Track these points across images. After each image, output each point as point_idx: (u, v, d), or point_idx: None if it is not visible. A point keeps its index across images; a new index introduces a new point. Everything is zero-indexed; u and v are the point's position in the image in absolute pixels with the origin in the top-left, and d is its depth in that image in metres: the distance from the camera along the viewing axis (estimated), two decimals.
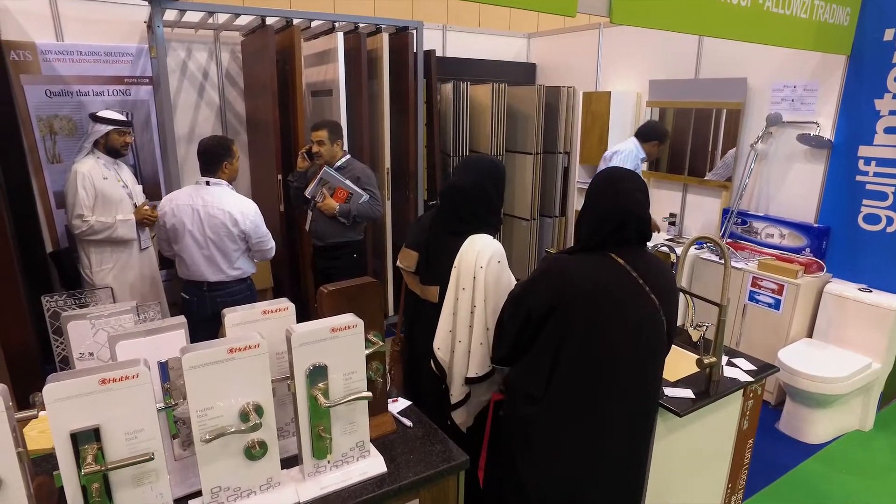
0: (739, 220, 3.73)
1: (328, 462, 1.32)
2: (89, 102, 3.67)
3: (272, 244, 2.84)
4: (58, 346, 1.35)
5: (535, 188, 4.57)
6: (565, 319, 1.50)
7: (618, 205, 1.53)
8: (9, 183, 2.64)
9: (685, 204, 4.22)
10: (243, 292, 2.77)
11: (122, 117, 3.17)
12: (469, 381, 1.83)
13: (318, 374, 1.23)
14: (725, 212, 3.79)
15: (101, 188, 3.04)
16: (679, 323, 2.50)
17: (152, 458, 1.07)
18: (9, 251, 2.51)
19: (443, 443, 1.51)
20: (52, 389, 0.98)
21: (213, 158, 2.65)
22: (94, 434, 1.02)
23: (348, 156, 3.34)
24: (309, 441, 1.28)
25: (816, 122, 3.35)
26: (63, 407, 0.99)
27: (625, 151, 3.76)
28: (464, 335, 1.81)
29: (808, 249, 3.40)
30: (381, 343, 1.41)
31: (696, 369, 2.11)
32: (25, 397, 1.06)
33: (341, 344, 1.25)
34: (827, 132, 3.32)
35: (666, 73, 4.15)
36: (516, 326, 1.59)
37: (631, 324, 1.51)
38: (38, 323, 2.43)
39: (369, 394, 1.30)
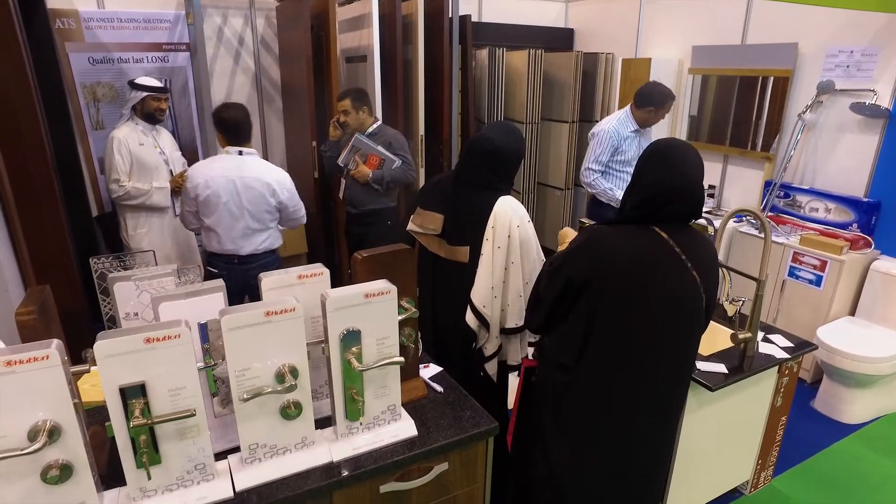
0: (782, 193, 3.60)
1: (360, 424, 1.36)
2: (129, 69, 3.74)
3: (304, 212, 2.84)
4: (105, 306, 1.41)
5: (571, 157, 4.49)
6: (601, 292, 1.48)
7: (666, 179, 1.47)
8: (56, 149, 2.73)
9: (725, 175, 4.09)
10: (273, 264, 2.74)
11: (157, 83, 3.22)
12: (507, 332, 1.95)
13: (351, 338, 1.26)
14: (768, 184, 3.65)
15: (137, 154, 3.12)
16: None
17: (194, 415, 1.11)
18: (59, 215, 2.61)
19: (473, 408, 1.54)
20: (102, 346, 1.02)
21: (244, 127, 2.61)
22: (141, 389, 1.07)
23: (379, 122, 3.33)
24: (342, 403, 1.32)
25: (873, 90, 3.17)
26: (112, 363, 1.04)
27: (606, 128, 3.37)
28: (500, 291, 1.90)
29: (855, 225, 3.27)
30: (414, 309, 1.43)
31: (730, 344, 2.08)
32: (77, 353, 1.11)
33: (375, 309, 1.27)
34: (885, 100, 3.14)
35: (711, 38, 3.98)
36: (553, 296, 1.58)
37: (670, 300, 1.48)
38: (87, 283, 2.54)
39: (401, 359, 1.32)
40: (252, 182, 2.57)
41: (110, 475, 1.19)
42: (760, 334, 2.20)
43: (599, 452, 1.61)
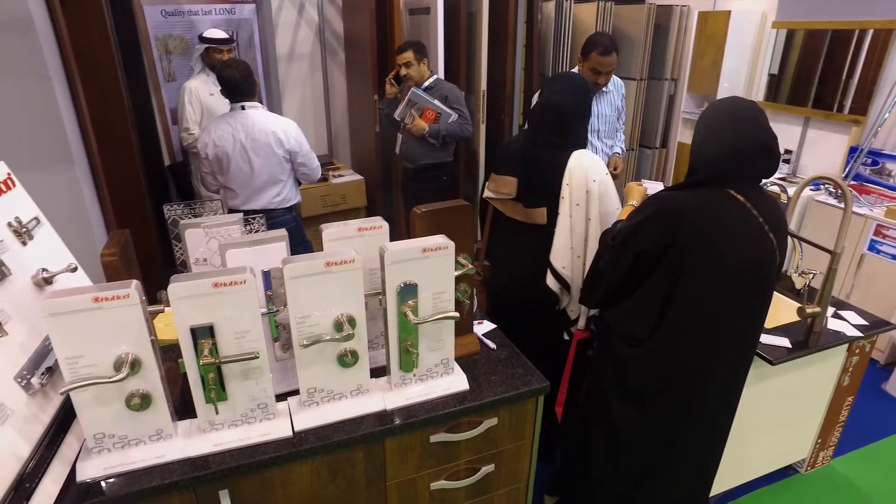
0: (869, 161, 3.34)
1: (414, 375, 1.40)
2: (198, 22, 3.82)
3: (317, 163, 2.80)
4: (177, 251, 1.48)
5: (637, 116, 4.30)
6: (680, 261, 1.43)
7: (744, 135, 1.40)
8: (132, 100, 2.85)
9: (804, 140, 3.82)
10: (290, 222, 2.76)
11: (219, 35, 3.27)
12: None
13: (408, 291, 1.28)
14: (853, 150, 3.39)
15: (207, 104, 3.21)
16: (783, 268, 2.35)
17: (257, 357, 1.17)
18: (136, 164, 2.74)
19: (524, 367, 1.55)
20: (175, 289, 1.09)
21: (242, 85, 2.58)
22: (209, 331, 1.13)
23: (436, 75, 3.29)
24: (397, 354, 1.35)
25: None
26: (184, 305, 1.10)
27: None
28: (581, 250, 1.87)
29: None
30: (471, 266, 1.43)
31: (796, 318, 1.99)
32: (152, 294, 1.18)
33: (432, 264, 1.28)
34: None
35: None
36: (620, 272, 1.54)
37: (751, 266, 1.44)
38: (160, 229, 2.69)
39: (456, 314, 1.33)
40: (257, 134, 2.56)
41: (183, 408, 1.28)
42: (831, 310, 2.09)
43: (667, 424, 1.59)
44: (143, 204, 2.83)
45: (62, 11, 2.22)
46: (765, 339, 1.90)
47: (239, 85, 2.57)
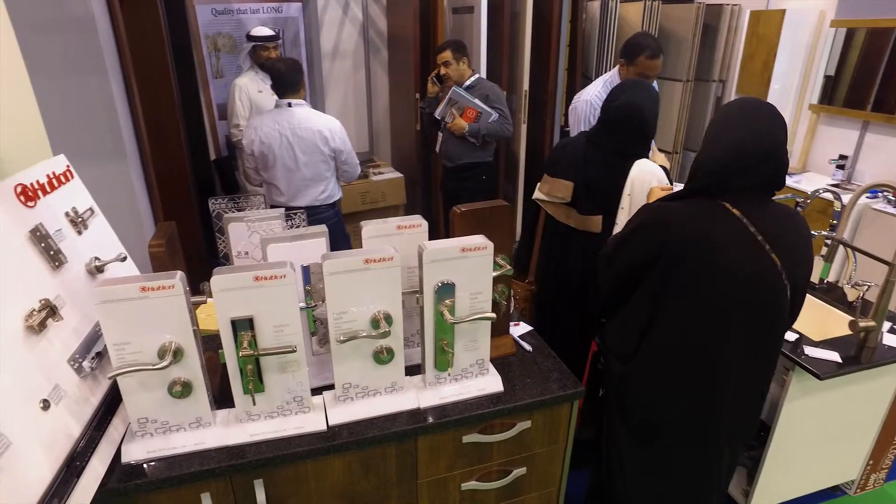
0: None
1: (448, 374, 1.39)
2: (247, 20, 3.91)
3: (357, 162, 2.82)
4: (221, 244, 1.52)
5: (682, 119, 4.19)
6: (664, 275, 1.34)
7: (742, 139, 1.27)
8: (182, 96, 2.95)
9: (861, 145, 3.65)
10: (332, 218, 2.78)
11: (265, 33, 3.34)
12: None
13: (445, 290, 1.28)
14: None
15: (255, 100, 3.29)
16: (833, 279, 2.24)
17: (294, 351, 1.19)
18: (183, 158, 2.83)
19: (560, 370, 1.52)
20: (218, 281, 1.11)
21: (286, 78, 2.59)
22: (249, 323, 1.15)
23: (477, 75, 3.28)
24: (432, 353, 1.35)
25: None
26: (225, 296, 1.12)
27: (583, 99, 2.78)
28: None
29: None
30: (509, 267, 1.42)
31: (847, 331, 1.90)
32: (195, 285, 1.21)
33: (470, 264, 1.28)
34: None
35: None
36: (609, 282, 1.48)
37: (742, 285, 1.30)
38: (204, 221, 2.76)
39: (493, 315, 1.32)
40: (303, 132, 2.57)
41: (221, 397, 1.31)
42: (887, 324, 1.99)
43: (665, 452, 1.49)
44: (189, 197, 2.91)
45: (121, 11, 2.30)
46: (812, 352, 1.82)
47: (282, 79, 2.60)
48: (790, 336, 1.87)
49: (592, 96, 2.75)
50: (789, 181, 3.64)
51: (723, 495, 1.63)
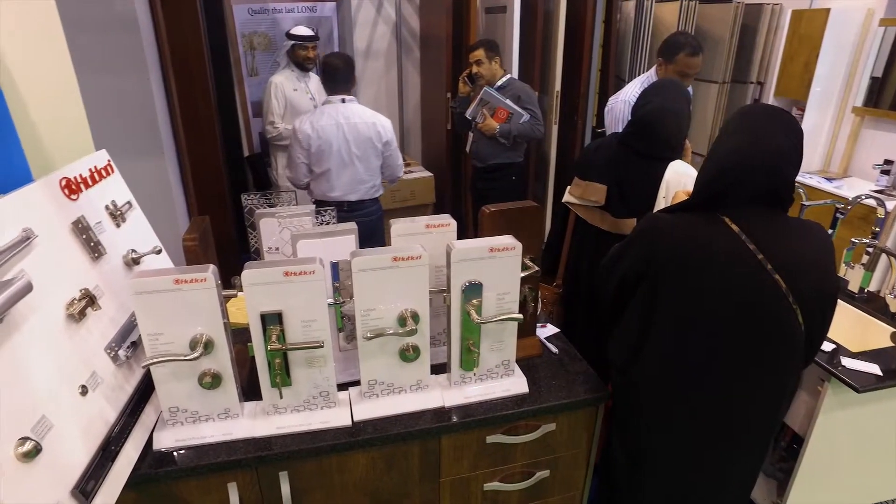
0: None
1: (474, 374, 1.39)
2: (282, 19, 3.98)
3: (402, 162, 2.87)
4: (252, 239, 1.55)
5: (717, 122, 4.10)
6: (655, 288, 1.27)
7: (734, 153, 1.18)
8: (218, 94, 3.01)
9: None
10: (377, 213, 2.82)
11: (305, 32, 3.39)
12: None
13: (473, 290, 1.28)
14: None
15: (290, 98, 3.35)
16: (874, 288, 2.17)
17: (321, 346, 1.20)
18: (217, 155, 2.89)
19: (586, 374, 1.51)
20: (248, 275, 1.13)
21: (345, 75, 2.63)
22: (278, 317, 1.17)
23: (509, 75, 3.26)
24: (458, 352, 1.35)
25: None
26: (256, 291, 1.14)
27: (619, 100, 2.73)
28: None
29: None
30: (537, 268, 1.41)
31: (889, 343, 1.84)
32: (226, 279, 1.24)
33: (498, 264, 1.27)
34: None
35: None
36: (608, 295, 1.44)
37: (733, 307, 1.20)
38: (236, 216, 2.81)
39: (520, 316, 1.31)
40: (360, 126, 2.61)
41: (249, 390, 1.33)
42: None
43: (652, 480, 1.43)
44: (222, 192, 2.97)
45: (162, 11, 2.37)
46: (850, 363, 1.76)
47: (338, 74, 2.63)
48: (826, 346, 1.82)
49: (630, 96, 2.69)
50: (829, 186, 3.53)
51: None
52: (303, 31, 3.41)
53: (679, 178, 1.75)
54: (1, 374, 0.87)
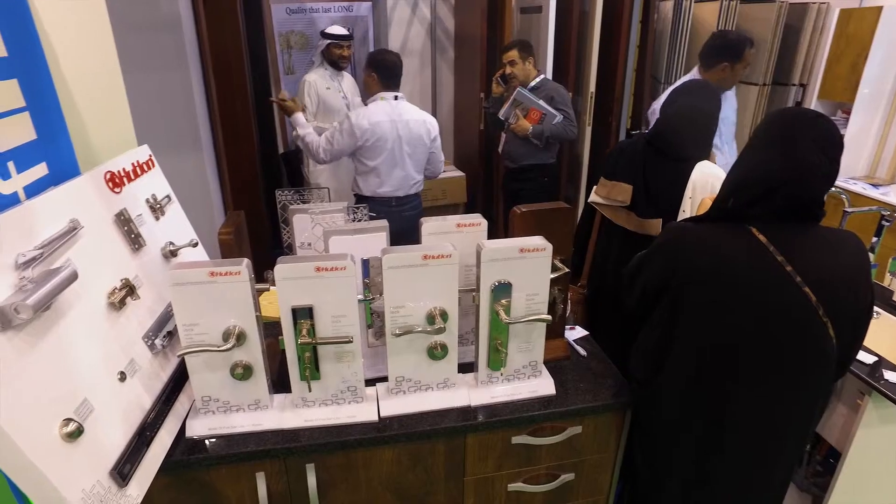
0: None
1: (501, 374, 1.39)
2: (318, 18, 4.03)
3: (443, 158, 2.91)
4: (285, 234, 1.57)
5: (755, 125, 4.00)
6: (677, 301, 1.25)
7: (769, 160, 1.13)
8: (255, 91, 3.07)
9: None
10: (419, 206, 2.89)
11: (341, 31, 3.43)
12: None
13: (502, 290, 1.27)
14: None
15: (323, 96, 3.39)
16: None
17: (351, 341, 1.22)
18: (253, 151, 2.95)
19: (614, 377, 1.49)
20: (281, 269, 1.15)
21: (398, 71, 2.67)
22: (309, 312, 1.19)
23: (542, 76, 3.24)
24: (486, 352, 1.35)
25: None
26: (287, 285, 1.16)
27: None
28: None
29: None
30: (567, 270, 1.40)
31: None
32: (259, 273, 1.26)
33: (528, 265, 1.27)
34: None
35: None
36: (631, 305, 1.41)
37: (758, 321, 1.17)
38: (270, 212, 2.86)
39: (549, 317, 1.31)
40: (412, 124, 2.66)
41: (279, 382, 1.36)
42: None
43: (678, 488, 1.39)
44: (257, 188, 3.03)
45: (204, 10, 2.43)
46: (893, 377, 1.70)
47: (396, 71, 2.67)
48: (867, 358, 1.75)
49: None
50: (875, 193, 3.41)
51: None
52: (338, 30, 3.45)
53: (706, 179, 1.72)
54: (48, 357, 0.91)
